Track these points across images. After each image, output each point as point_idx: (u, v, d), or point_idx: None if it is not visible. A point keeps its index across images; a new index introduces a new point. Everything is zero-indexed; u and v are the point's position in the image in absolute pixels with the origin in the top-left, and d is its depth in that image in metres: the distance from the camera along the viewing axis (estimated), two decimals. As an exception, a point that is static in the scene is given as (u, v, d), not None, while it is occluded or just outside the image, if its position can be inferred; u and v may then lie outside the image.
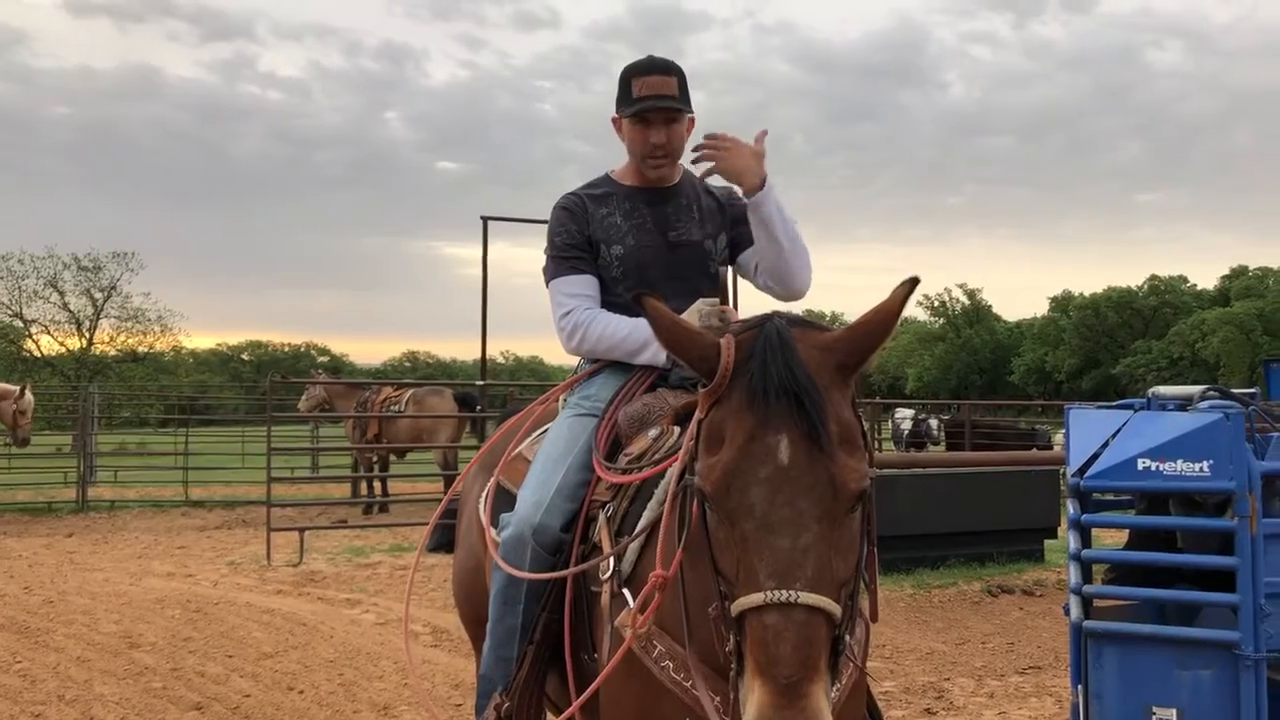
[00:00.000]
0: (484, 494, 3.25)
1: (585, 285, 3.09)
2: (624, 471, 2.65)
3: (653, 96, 3.00)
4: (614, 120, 3.16)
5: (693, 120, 3.16)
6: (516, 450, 3.23)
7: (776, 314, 1.96)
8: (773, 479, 1.77)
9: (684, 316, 2.87)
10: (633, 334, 2.98)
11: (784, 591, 1.73)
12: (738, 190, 3.04)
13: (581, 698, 2.42)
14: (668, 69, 3.06)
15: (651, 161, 3.09)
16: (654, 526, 2.44)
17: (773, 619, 1.72)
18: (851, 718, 2.47)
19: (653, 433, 2.73)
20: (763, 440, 1.79)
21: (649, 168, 3.11)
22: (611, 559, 2.48)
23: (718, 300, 2.92)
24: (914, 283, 1.93)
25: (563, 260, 3.11)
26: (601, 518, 2.67)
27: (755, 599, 1.73)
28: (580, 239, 3.09)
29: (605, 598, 2.46)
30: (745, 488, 1.78)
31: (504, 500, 3.05)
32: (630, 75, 3.06)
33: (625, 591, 2.42)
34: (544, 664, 2.78)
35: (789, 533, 1.76)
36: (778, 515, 1.76)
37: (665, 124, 3.05)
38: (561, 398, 3.26)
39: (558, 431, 3.04)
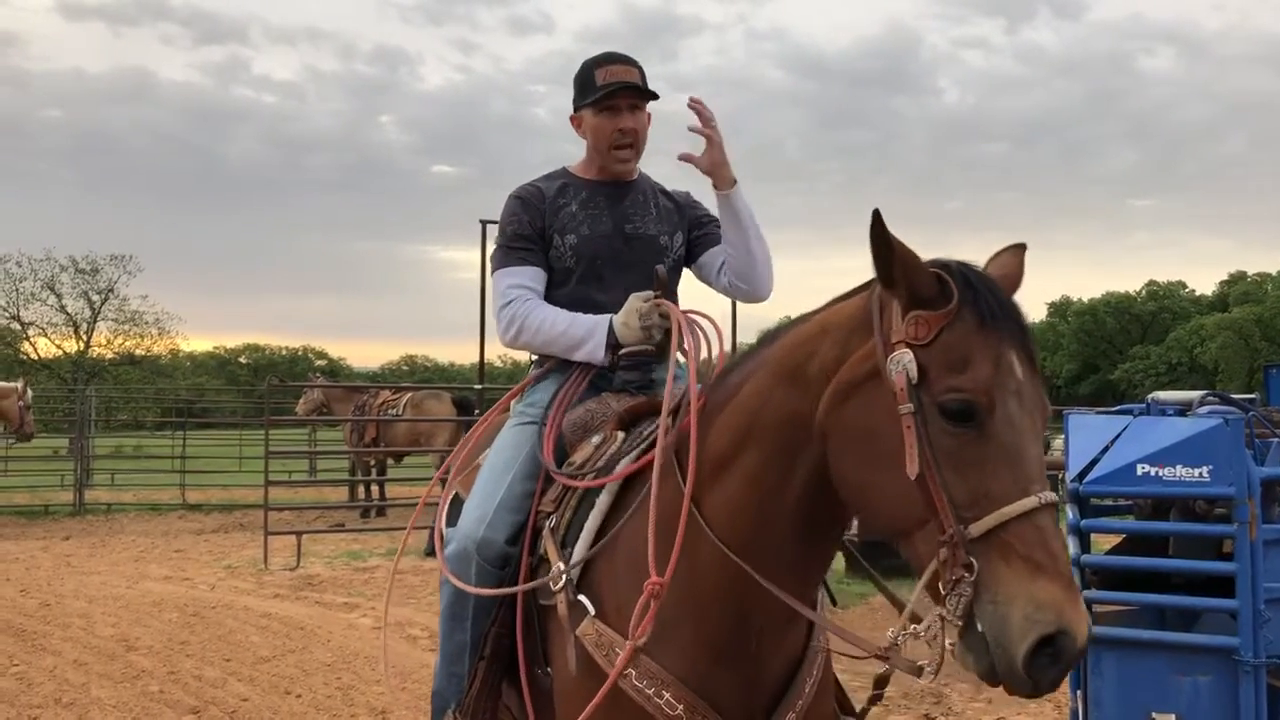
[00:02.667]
0: (443, 503, 3.17)
1: (530, 277, 2.99)
2: (573, 476, 2.59)
3: (618, 83, 2.95)
4: (573, 119, 3.09)
5: (650, 116, 3.09)
6: (475, 460, 3.13)
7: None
8: (1019, 392, 1.89)
9: (621, 311, 2.80)
10: (571, 329, 2.88)
11: (1049, 493, 1.85)
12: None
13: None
14: (629, 60, 3.01)
15: (618, 153, 3.01)
16: (604, 530, 2.42)
17: (1045, 520, 1.82)
18: (821, 716, 2.44)
19: (595, 439, 2.67)
20: (1006, 357, 1.90)
21: (615, 160, 3.03)
22: (561, 566, 2.43)
23: (652, 294, 2.80)
24: (1024, 247, 2.16)
25: (510, 250, 3.02)
26: (546, 529, 2.61)
27: (1029, 503, 1.81)
28: (531, 230, 3.00)
29: (563, 608, 2.40)
30: (1005, 400, 1.87)
31: (458, 510, 2.94)
32: (591, 68, 3.00)
33: (583, 599, 2.38)
34: (497, 679, 2.72)
35: (1034, 441, 1.90)
36: (1026, 425, 1.89)
37: (631, 110, 2.99)
38: (511, 404, 3.16)
39: (502, 442, 2.95)
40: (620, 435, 2.62)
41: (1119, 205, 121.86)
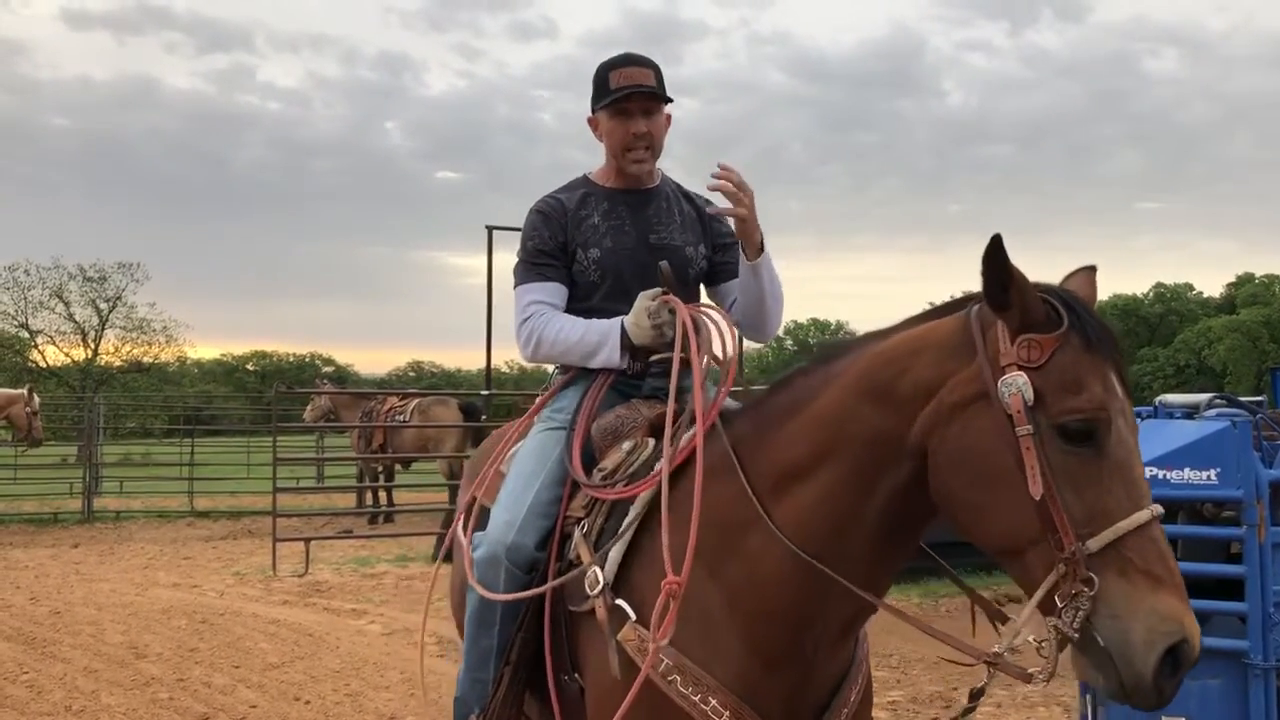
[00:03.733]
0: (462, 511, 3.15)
1: (549, 293, 2.97)
2: (602, 488, 2.57)
3: (630, 86, 2.91)
4: (590, 121, 3.06)
5: (669, 117, 3.06)
6: (495, 467, 3.12)
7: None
8: (1123, 411, 1.99)
9: (631, 312, 2.78)
10: (586, 336, 2.86)
11: (1158, 505, 1.93)
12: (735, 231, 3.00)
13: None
14: (644, 62, 2.96)
15: (632, 155, 2.97)
16: (638, 533, 2.42)
17: (1157, 532, 1.90)
18: None
19: (626, 446, 2.66)
20: (1110, 378, 1.98)
21: (630, 162, 2.98)
22: (598, 571, 2.41)
23: (659, 291, 2.76)
24: (1094, 269, 2.22)
25: (531, 266, 2.99)
26: (577, 534, 2.59)
27: (1142, 515, 1.89)
28: (552, 245, 2.97)
29: (601, 612, 2.38)
30: (1115, 419, 1.96)
31: (483, 518, 2.92)
32: (607, 70, 2.95)
33: (622, 603, 2.36)
34: (521, 685, 2.70)
35: (1139, 457, 1.99)
36: (1133, 442, 1.98)
37: (645, 114, 2.95)
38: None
39: (529, 447, 2.93)
40: (651, 442, 2.62)
41: (1124, 207, 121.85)
